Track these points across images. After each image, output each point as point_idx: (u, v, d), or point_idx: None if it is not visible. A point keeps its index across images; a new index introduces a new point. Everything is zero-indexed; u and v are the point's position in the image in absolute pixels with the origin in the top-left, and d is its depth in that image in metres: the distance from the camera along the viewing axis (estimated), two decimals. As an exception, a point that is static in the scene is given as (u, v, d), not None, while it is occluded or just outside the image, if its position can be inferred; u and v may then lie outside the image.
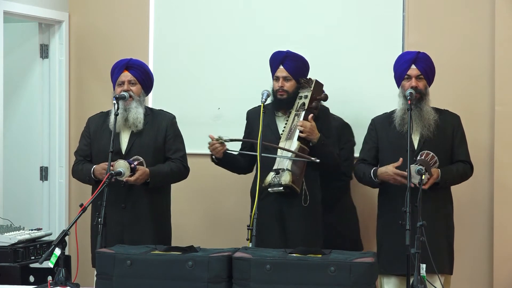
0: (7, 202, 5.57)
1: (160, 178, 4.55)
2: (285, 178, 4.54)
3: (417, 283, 3.50)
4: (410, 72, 4.53)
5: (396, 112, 4.57)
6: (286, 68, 4.78)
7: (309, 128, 4.61)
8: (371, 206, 4.81)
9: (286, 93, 4.77)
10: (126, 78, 4.64)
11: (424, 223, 3.67)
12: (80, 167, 4.65)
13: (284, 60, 4.79)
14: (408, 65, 4.54)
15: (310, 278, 3.35)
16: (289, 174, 4.54)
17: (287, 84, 4.78)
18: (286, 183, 4.53)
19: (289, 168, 4.57)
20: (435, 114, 4.54)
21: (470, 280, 5.29)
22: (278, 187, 4.55)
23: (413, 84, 4.49)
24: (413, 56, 4.54)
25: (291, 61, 4.78)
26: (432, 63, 4.58)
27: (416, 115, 4.48)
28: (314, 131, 4.63)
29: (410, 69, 4.53)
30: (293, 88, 4.78)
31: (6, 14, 5.55)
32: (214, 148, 4.74)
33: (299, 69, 4.80)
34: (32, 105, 6.06)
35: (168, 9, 5.90)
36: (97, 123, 4.72)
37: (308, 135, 4.62)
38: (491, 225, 5.21)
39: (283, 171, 4.56)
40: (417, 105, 4.48)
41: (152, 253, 3.58)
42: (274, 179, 4.56)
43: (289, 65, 4.78)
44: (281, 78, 4.78)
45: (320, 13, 5.57)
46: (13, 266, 4.56)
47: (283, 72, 4.78)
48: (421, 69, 4.52)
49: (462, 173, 4.57)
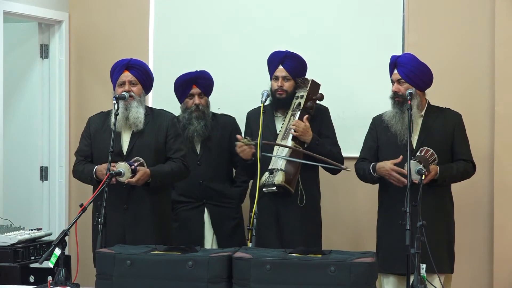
0: (7, 202, 5.57)
1: (160, 178, 4.54)
2: (278, 178, 4.55)
3: (417, 283, 3.50)
4: (392, 77, 4.57)
5: (385, 115, 4.59)
6: (286, 68, 4.79)
7: (302, 128, 4.63)
8: (371, 205, 4.81)
9: (285, 92, 4.78)
10: (126, 78, 4.63)
11: (424, 223, 3.67)
12: (81, 168, 4.64)
13: (283, 60, 4.80)
14: (391, 70, 4.58)
15: (310, 278, 3.35)
16: (282, 174, 4.55)
17: (286, 84, 4.79)
18: (279, 183, 4.54)
19: (283, 168, 4.57)
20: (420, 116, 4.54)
21: (470, 279, 5.29)
22: (271, 187, 4.56)
23: (393, 89, 4.53)
24: (394, 60, 4.56)
25: (291, 61, 4.79)
26: (418, 65, 4.52)
27: (401, 118, 4.48)
28: (307, 132, 4.64)
29: (393, 73, 4.56)
30: (292, 88, 4.80)
31: (6, 14, 5.55)
32: (242, 150, 4.75)
33: (297, 69, 4.82)
34: (32, 105, 6.06)
35: (168, 9, 5.90)
36: (98, 123, 4.71)
37: (301, 135, 4.63)
38: (491, 225, 5.21)
39: (276, 171, 4.57)
40: (400, 109, 4.49)
41: (152, 253, 3.57)
42: (268, 179, 4.57)
43: (289, 65, 4.79)
44: (280, 77, 4.79)
45: (320, 13, 5.58)
46: (13, 266, 4.55)
47: (283, 72, 4.80)
48: (401, 74, 4.51)
49: (462, 171, 4.56)
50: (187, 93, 5.07)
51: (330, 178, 5.01)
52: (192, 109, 5.05)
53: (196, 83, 5.08)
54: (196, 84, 5.08)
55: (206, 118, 5.07)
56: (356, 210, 5.50)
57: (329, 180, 5.07)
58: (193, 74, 5.10)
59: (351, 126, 5.38)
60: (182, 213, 5.06)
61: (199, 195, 5.06)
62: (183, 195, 5.07)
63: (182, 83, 5.08)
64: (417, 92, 4.52)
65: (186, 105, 5.08)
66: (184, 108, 5.10)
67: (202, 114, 5.06)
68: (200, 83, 5.09)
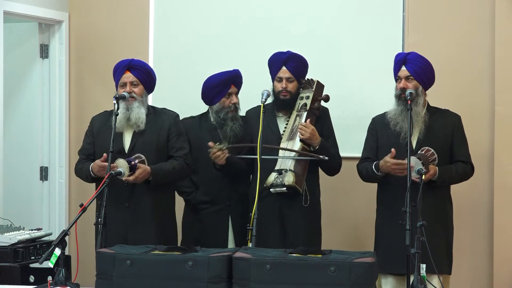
0: (7, 202, 5.57)
1: (161, 176, 4.54)
2: (288, 179, 4.53)
3: (417, 283, 3.50)
4: (400, 74, 4.55)
5: (389, 112, 4.58)
6: (289, 69, 4.77)
7: (310, 132, 4.61)
8: (371, 205, 4.81)
9: (289, 94, 4.77)
10: (128, 79, 4.63)
11: (424, 223, 3.68)
12: (80, 166, 4.66)
13: (287, 61, 4.78)
14: (399, 67, 4.56)
15: (310, 278, 3.35)
16: (293, 174, 4.54)
17: (290, 85, 4.78)
18: (290, 183, 4.52)
19: (292, 169, 4.56)
20: (426, 115, 4.54)
21: (470, 280, 5.29)
22: (281, 187, 4.55)
23: (401, 85, 4.51)
24: (402, 57, 4.56)
25: (294, 62, 4.79)
26: (426, 64, 4.55)
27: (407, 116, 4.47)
28: (314, 135, 4.63)
29: (401, 70, 4.54)
30: (295, 89, 4.79)
31: (6, 14, 5.55)
32: (216, 157, 4.73)
33: (300, 69, 4.81)
34: (32, 105, 6.06)
35: (168, 9, 5.90)
36: (101, 122, 4.72)
37: (309, 139, 4.61)
38: (491, 225, 5.21)
39: (286, 171, 4.55)
40: (407, 106, 4.48)
41: (152, 253, 3.57)
42: (276, 180, 4.55)
43: (292, 66, 4.78)
44: (284, 79, 4.77)
45: (320, 13, 5.58)
46: (13, 266, 4.55)
47: (286, 73, 4.78)
48: (411, 70, 4.51)
49: (461, 173, 4.57)
50: (225, 92, 4.95)
51: (330, 178, 5.01)
52: (231, 108, 4.94)
53: (235, 82, 4.99)
54: (234, 84, 4.99)
55: (239, 118, 4.99)
56: (356, 210, 5.50)
57: (329, 180, 5.07)
58: (233, 73, 4.99)
59: (351, 126, 5.38)
60: (206, 216, 4.96)
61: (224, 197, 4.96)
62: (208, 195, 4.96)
63: (221, 82, 4.94)
64: (422, 91, 4.53)
65: (223, 105, 4.94)
66: (220, 108, 4.94)
67: (236, 114, 4.97)
68: (237, 82, 5.01)
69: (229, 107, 4.95)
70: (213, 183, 4.92)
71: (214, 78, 4.97)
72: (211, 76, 5.00)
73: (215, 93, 4.95)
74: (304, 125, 4.62)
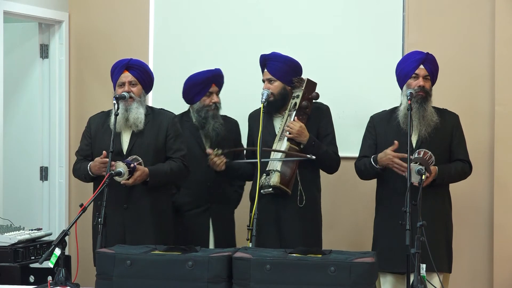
0: (7, 202, 5.57)
1: (159, 177, 4.54)
2: (273, 180, 4.55)
3: (417, 283, 3.50)
4: (418, 72, 4.54)
5: (400, 110, 4.58)
6: (269, 70, 4.77)
7: (297, 129, 4.60)
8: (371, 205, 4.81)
9: (273, 95, 4.74)
10: (126, 79, 4.63)
11: (424, 223, 3.68)
12: (78, 166, 4.65)
13: (265, 63, 4.79)
14: (417, 65, 4.55)
15: (310, 278, 3.35)
16: (278, 175, 4.55)
17: (272, 86, 4.74)
18: (274, 184, 4.53)
19: (278, 169, 4.57)
20: (436, 115, 4.55)
21: (470, 279, 5.29)
22: (267, 188, 4.56)
23: (420, 83, 4.51)
24: (423, 56, 4.57)
25: (273, 62, 4.76)
26: (438, 67, 4.61)
27: (420, 115, 4.49)
28: (302, 133, 4.62)
29: (419, 68, 4.54)
30: (279, 89, 4.74)
31: (6, 14, 5.55)
32: (213, 163, 4.75)
33: (283, 69, 4.74)
34: (32, 105, 6.06)
35: (168, 9, 5.90)
36: (98, 123, 4.72)
37: (296, 136, 4.61)
38: (491, 225, 5.21)
39: (272, 172, 4.57)
40: (422, 105, 4.49)
41: (152, 253, 3.58)
42: (264, 181, 4.57)
43: (271, 66, 4.76)
44: (266, 81, 4.78)
45: (319, 14, 5.58)
46: (13, 266, 4.55)
47: (267, 75, 4.78)
48: (429, 70, 4.55)
49: (460, 171, 4.58)
50: (206, 91, 4.97)
51: (330, 178, 5.02)
52: (212, 107, 4.95)
53: (216, 81, 5.00)
54: (215, 83, 5.00)
55: (219, 117, 5.01)
56: (356, 210, 5.50)
57: (329, 180, 5.07)
58: (214, 72, 5.01)
59: (350, 126, 5.37)
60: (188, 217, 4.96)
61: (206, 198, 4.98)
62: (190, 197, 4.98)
63: (202, 81, 4.96)
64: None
65: (204, 104, 4.96)
66: (200, 106, 4.96)
67: (217, 113, 4.99)
68: (219, 82, 5.03)
69: (209, 105, 4.96)
70: (194, 185, 4.92)
71: (195, 77, 4.98)
72: (192, 75, 5.01)
73: (196, 92, 4.97)
74: (291, 123, 4.62)
